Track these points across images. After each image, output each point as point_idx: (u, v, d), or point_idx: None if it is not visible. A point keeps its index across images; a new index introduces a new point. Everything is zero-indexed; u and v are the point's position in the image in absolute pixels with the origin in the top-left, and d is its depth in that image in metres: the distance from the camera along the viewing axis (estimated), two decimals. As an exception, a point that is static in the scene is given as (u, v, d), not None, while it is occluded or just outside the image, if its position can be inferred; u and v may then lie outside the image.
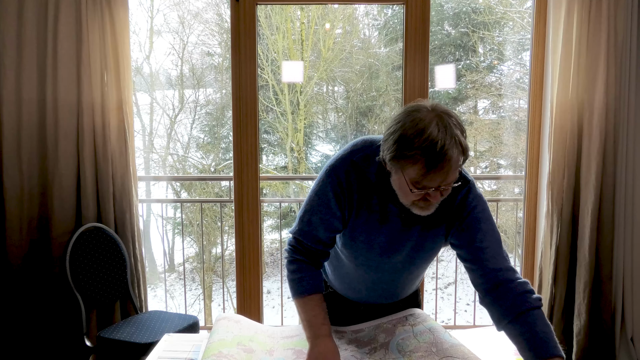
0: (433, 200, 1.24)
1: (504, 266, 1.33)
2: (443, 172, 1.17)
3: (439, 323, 1.56)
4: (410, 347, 1.44)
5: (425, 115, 1.18)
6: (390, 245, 1.41)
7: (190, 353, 1.53)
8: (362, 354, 1.44)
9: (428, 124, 1.16)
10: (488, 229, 1.35)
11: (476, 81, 7.93)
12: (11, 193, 2.75)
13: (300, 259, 1.44)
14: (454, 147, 1.15)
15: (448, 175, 1.18)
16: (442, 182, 1.19)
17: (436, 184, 1.19)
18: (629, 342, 2.79)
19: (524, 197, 3.03)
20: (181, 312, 3.58)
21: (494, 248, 1.34)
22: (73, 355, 2.81)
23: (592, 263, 2.75)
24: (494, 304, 1.32)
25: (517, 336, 1.26)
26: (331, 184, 1.37)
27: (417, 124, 1.17)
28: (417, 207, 1.27)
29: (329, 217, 1.39)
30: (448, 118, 1.18)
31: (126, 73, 2.75)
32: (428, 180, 1.18)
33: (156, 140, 8.44)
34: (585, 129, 2.72)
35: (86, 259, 2.64)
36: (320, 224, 1.40)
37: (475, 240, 1.34)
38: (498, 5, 7.80)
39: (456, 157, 1.17)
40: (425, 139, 1.14)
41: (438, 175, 1.17)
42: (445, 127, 1.16)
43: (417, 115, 1.19)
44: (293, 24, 7.99)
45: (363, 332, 1.54)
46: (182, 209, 7.63)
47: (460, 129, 1.20)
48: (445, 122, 1.17)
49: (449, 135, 1.15)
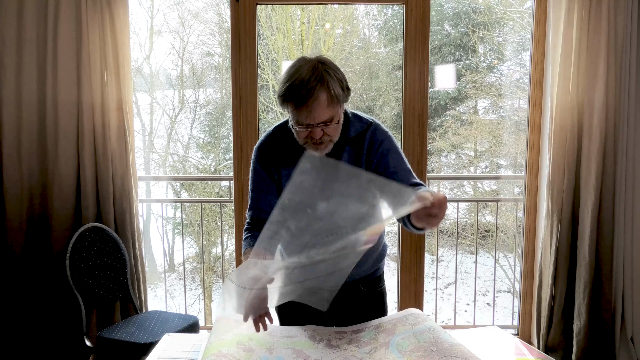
0: (316, 137, 1.40)
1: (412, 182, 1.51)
2: (309, 108, 1.35)
3: (438, 324, 1.56)
4: (410, 347, 1.44)
5: (305, 63, 1.39)
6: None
7: (190, 353, 1.53)
8: (363, 353, 1.44)
9: (302, 67, 1.37)
10: (397, 157, 1.53)
11: (476, 81, 7.92)
12: (11, 193, 2.75)
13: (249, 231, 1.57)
14: (320, 88, 1.35)
15: (317, 111, 1.36)
16: (315, 119, 1.37)
17: (308, 120, 1.37)
18: (629, 342, 2.79)
19: (524, 197, 3.03)
20: (181, 312, 3.57)
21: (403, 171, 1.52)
22: (73, 355, 2.81)
23: (592, 263, 2.75)
24: None
25: None
26: (257, 157, 1.60)
27: (294, 69, 1.39)
28: (310, 146, 1.44)
29: (264, 186, 1.57)
30: (323, 66, 1.38)
31: (126, 73, 2.75)
32: (300, 115, 1.38)
33: (156, 140, 8.44)
34: (585, 129, 2.72)
35: (86, 259, 2.64)
36: (259, 195, 1.58)
37: (388, 167, 1.51)
38: (498, 5, 7.79)
39: (323, 96, 1.35)
40: (296, 78, 1.36)
41: (305, 110, 1.36)
42: (315, 70, 1.36)
43: (298, 63, 1.40)
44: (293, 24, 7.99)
45: (363, 332, 1.54)
46: (182, 209, 7.62)
47: (334, 75, 1.38)
48: (318, 67, 1.37)
49: (315, 76, 1.35)
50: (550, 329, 2.87)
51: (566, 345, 2.88)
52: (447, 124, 8.06)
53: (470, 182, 8.47)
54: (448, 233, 7.87)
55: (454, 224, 7.62)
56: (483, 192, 8.40)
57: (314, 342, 1.52)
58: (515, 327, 3.16)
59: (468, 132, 8.04)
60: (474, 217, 7.69)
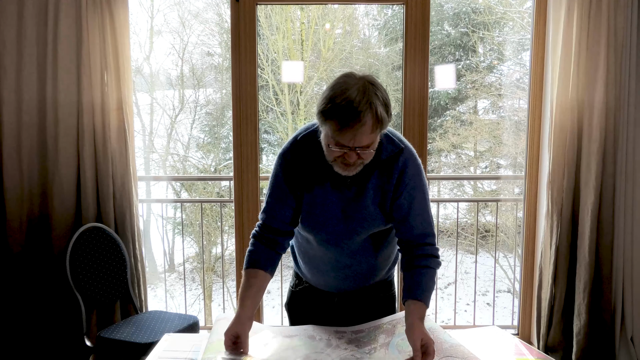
0: (349, 160, 1.35)
1: (427, 232, 1.50)
2: (353, 131, 1.28)
3: (437, 324, 1.56)
4: (409, 348, 1.44)
5: (353, 81, 1.32)
6: (344, 214, 1.49)
7: (190, 353, 1.53)
8: (362, 353, 1.44)
9: (351, 87, 1.30)
10: (421, 198, 1.49)
11: (476, 81, 7.92)
12: (11, 193, 2.75)
13: (258, 240, 1.54)
14: (368, 112, 1.28)
15: (360, 136, 1.29)
16: (354, 142, 1.31)
17: (348, 142, 1.31)
18: (629, 342, 2.79)
19: (524, 197, 3.03)
20: (181, 312, 3.57)
21: (423, 216, 1.50)
22: (73, 355, 2.81)
23: (592, 263, 2.75)
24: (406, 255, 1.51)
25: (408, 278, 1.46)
26: (281, 166, 1.52)
27: (342, 86, 1.31)
28: (338, 166, 1.39)
29: (283, 196, 1.51)
30: (372, 87, 1.31)
31: (126, 73, 2.75)
32: (341, 137, 1.30)
33: (156, 140, 8.43)
34: (585, 129, 2.72)
35: (86, 259, 2.64)
36: (276, 204, 1.52)
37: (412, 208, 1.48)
38: (498, 5, 7.79)
39: (369, 122, 1.28)
40: (344, 98, 1.28)
41: (349, 133, 1.29)
42: (364, 93, 1.29)
43: (346, 79, 1.33)
44: (293, 24, 7.98)
45: (363, 333, 1.55)
46: (182, 209, 7.62)
47: (381, 100, 1.31)
48: (367, 88, 1.30)
49: (365, 99, 1.28)
50: (550, 329, 2.87)
51: (566, 345, 2.88)
52: (447, 124, 8.06)
53: (470, 182, 8.47)
54: (448, 233, 7.88)
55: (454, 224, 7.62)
56: (483, 192, 8.40)
57: (313, 342, 1.52)
58: (515, 327, 3.16)
59: (468, 132, 8.04)
60: (474, 217, 7.68)
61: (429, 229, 1.51)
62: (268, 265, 1.51)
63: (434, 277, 1.47)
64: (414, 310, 1.39)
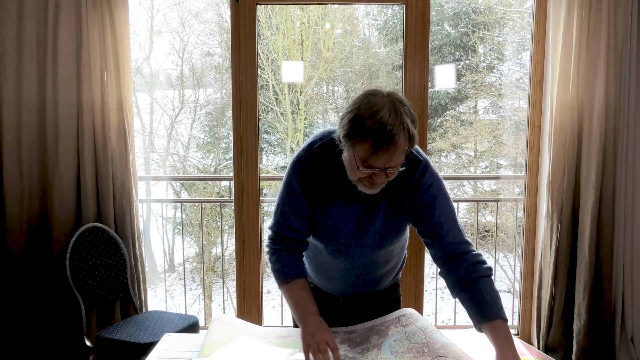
0: (378, 181, 1.32)
1: (459, 239, 1.43)
2: (388, 154, 1.25)
3: (430, 322, 1.57)
4: (402, 349, 1.46)
5: (380, 100, 1.27)
6: (357, 227, 1.47)
7: (190, 353, 1.53)
8: (355, 353, 1.45)
9: (381, 107, 1.25)
10: (444, 206, 1.44)
11: (476, 81, 7.93)
12: (11, 193, 2.75)
13: (280, 249, 1.51)
14: (401, 133, 1.24)
15: (393, 157, 1.26)
16: (387, 163, 1.27)
17: (381, 164, 1.27)
18: (629, 342, 2.79)
19: (524, 197, 3.03)
20: (181, 312, 3.57)
21: (450, 223, 1.43)
22: (73, 355, 2.81)
23: (592, 263, 2.75)
24: (450, 274, 1.41)
25: (467, 301, 1.36)
26: (295, 174, 1.47)
27: (371, 107, 1.26)
28: (363, 185, 1.35)
29: (298, 205, 1.48)
30: (401, 106, 1.28)
31: (126, 73, 2.75)
32: (374, 160, 1.27)
33: (156, 140, 8.44)
34: (585, 129, 2.72)
35: (86, 259, 2.64)
36: (291, 214, 1.48)
37: (433, 217, 1.43)
38: (498, 5, 7.79)
39: (402, 142, 1.25)
40: (377, 121, 1.23)
41: (384, 156, 1.25)
42: (396, 113, 1.25)
43: (373, 99, 1.28)
44: (293, 24, 7.99)
45: (356, 334, 1.55)
46: (182, 209, 7.63)
47: (410, 117, 1.28)
48: (398, 108, 1.26)
49: (398, 121, 1.24)
50: (550, 329, 2.87)
51: (566, 345, 2.88)
52: (447, 124, 8.06)
53: (470, 182, 8.47)
54: (448, 233, 7.86)
55: (454, 224, 7.59)
56: (483, 192, 8.40)
57: None
58: (515, 327, 3.16)
59: (468, 132, 8.04)
60: (474, 217, 7.68)
61: (461, 236, 1.43)
62: (304, 272, 1.51)
63: (492, 285, 1.37)
64: (497, 335, 1.29)
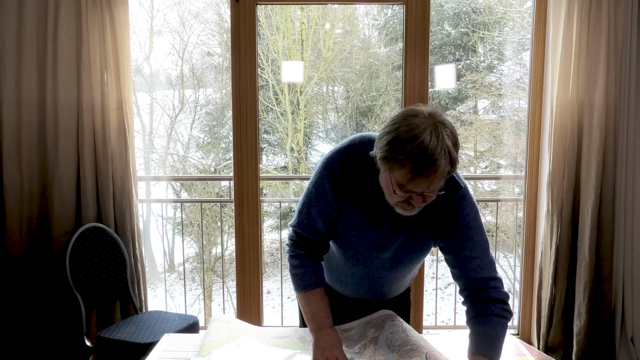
0: (415, 205, 1.26)
1: (487, 276, 1.37)
2: (429, 180, 1.18)
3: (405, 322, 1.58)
4: (399, 341, 1.46)
5: (421, 122, 1.18)
6: (380, 242, 1.43)
7: (190, 353, 1.53)
8: (353, 353, 1.45)
9: (422, 131, 1.16)
10: (478, 239, 1.37)
11: (476, 81, 7.93)
12: (11, 193, 2.75)
13: (302, 254, 1.47)
14: (442, 158, 1.16)
15: (433, 183, 1.19)
16: (427, 189, 1.21)
17: (420, 189, 1.21)
18: (629, 342, 2.79)
19: (524, 197, 3.03)
20: (181, 312, 3.57)
21: (480, 259, 1.37)
22: (73, 355, 2.81)
23: (592, 263, 2.75)
24: (467, 303, 1.40)
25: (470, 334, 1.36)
26: (327, 176, 1.40)
27: (411, 129, 1.17)
28: (400, 208, 1.29)
29: (326, 209, 1.41)
30: (443, 128, 1.18)
31: (126, 73, 2.75)
32: (413, 185, 1.20)
33: (156, 140, 8.44)
34: (585, 129, 2.72)
35: (86, 259, 2.64)
36: (318, 216, 1.42)
37: (465, 249, 1.37)
38: (498, 5, 7.80)
39: (443, 168, 1.17)
40: (417, 145, 1.15)
41: (424, 182, 1.18)
42: (438, 137, 1.16)
43: (413, 120, 1.19)
44: (293, 24, 7.99)
45: (353, 330, 1.55)
46: (182, 209, 7.63)
47: (452, 140, 1.20)
48: (439, 131, 1.17)
49: (440, 145, 1.16)
50: (550, 329, 2.87)
51: (566, 345, 2.88)
52: (447, 124, 8.05)
53: (470, 182, 8.47)
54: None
55: (454, 224, 7.59)
56: (483, 192, 8.40)
57: (304, 344, 1.53)
58: (515, 327, 3.16)
59: (468, 132, 8.04)
60: (474, 217, 7.67)
61: (489, 272, 1.37)
62: (324, 281, 1.49)
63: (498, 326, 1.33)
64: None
